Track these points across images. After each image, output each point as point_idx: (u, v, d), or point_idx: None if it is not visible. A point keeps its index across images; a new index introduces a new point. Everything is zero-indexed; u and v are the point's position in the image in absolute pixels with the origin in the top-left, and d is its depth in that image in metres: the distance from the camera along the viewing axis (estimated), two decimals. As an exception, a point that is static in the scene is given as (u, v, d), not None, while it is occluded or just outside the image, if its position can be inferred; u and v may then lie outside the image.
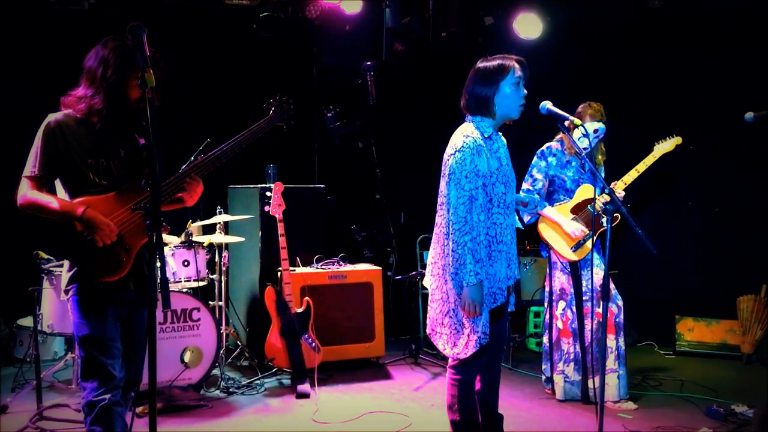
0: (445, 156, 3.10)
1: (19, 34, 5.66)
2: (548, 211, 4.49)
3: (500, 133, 3.28)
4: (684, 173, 4.58)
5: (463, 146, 3.03)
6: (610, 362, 4.37)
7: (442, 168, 3.11)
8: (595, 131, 4.40)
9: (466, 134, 3.07)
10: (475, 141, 3.04)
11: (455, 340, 3.09)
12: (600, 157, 4.63)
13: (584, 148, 4.37)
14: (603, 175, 4.69)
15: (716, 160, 5.79)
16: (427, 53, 6.53)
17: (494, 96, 3.08)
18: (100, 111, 2.65)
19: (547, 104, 3.22)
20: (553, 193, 4.56)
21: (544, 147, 4.56)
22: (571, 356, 4.47)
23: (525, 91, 3.11)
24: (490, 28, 6.50)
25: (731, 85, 5.86)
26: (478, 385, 3.29)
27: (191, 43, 6.18)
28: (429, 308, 3.23)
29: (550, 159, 4.51)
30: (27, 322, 5.24)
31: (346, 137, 6.16)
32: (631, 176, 4.49)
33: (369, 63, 6.20)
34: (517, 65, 3.10)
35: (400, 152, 7.05)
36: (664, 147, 4.55)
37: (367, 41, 6.57)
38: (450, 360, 3.19)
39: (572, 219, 4.44)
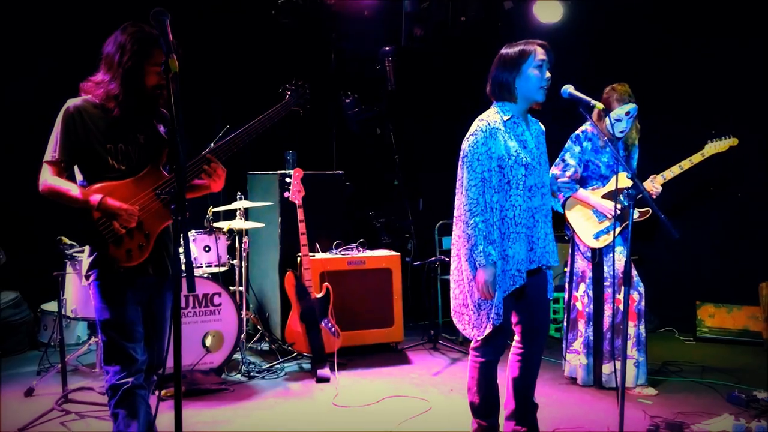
0: (463, 142, 3.16)
1: (41, 20, 5.70)
2: (581, 192, 4.42)
3: (536, 119, 3.31)
4: (706, 160, 4.50)
5: (476, 131, 3.11)
6: (628, 349, 4.34)
7: (460, 154, 3.17)
8: (627, 113, 4.28)
9: (481, 119, 3.15)
10: (489, 124, 3.09)
11: (474, 320, 3.14)
12: (635, 135, 4.46)
13: (621, 131, 4.32)
14: (637, 155, 4.53)
15: (738, 144, 5.71)
16: (447, 38, 6.49)
17: (515, 81, 3.13)
18: (116, 96, 2.66)
19: (568, 88, 3.19)
20: (586, 179, 4.46)
21: (579, 131, 4.44)
22: (583, 339, 4.47)
23: (548, 75, 3.12)
24: (509, 12, 6.46)
25: (759, 65, 5.74)
26: (516, 372, 3.33)
27: (211, 30, 6.19)
28: (452, 290, 3.27)
29: (585, 144, 4.40)
30: (51, 306, 5.34)
31: (365, 123, 6.15)
32: (672, 172, 4.35)
33: (387, 48, 6.17)
34: (539, 49, 3.11)
35: (418, 138, 7.03)
36: (716, 147, 4.37)
37: (385, 26, 6.54)
38: (473, 342, 3.23)
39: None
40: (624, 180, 4.32)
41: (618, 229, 4.34)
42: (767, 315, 5.61)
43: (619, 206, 4.22)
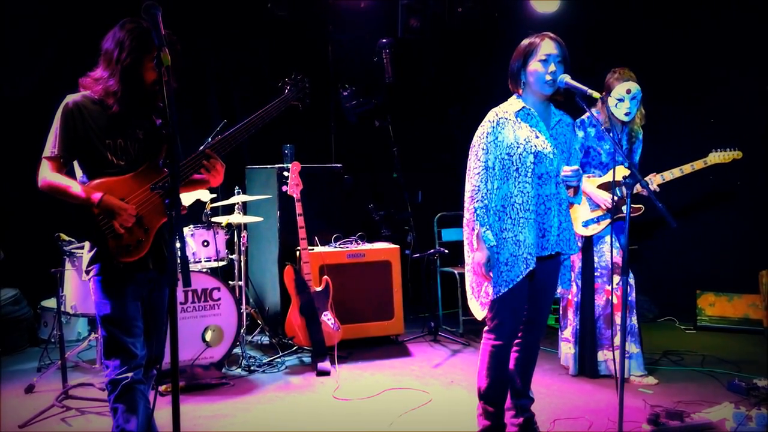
0: None
1: (38, 16, 5.66)
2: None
3: (561, 111, 3.31)
4: (706, 146, 4.49)
5: (485, 122, 3.19)
6: (617, 341, 4.33)
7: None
8: (628, 90, 4.23)
9: (493, 110, 3.22)
10: (498, 115, 3.17)
11: (480, 302, 3.21)
12: (638, 122, 4.40)
13: (626, 113, 4.29)
14: (640, 150, 4.47)
15: (736, 132, 5.69)
16: (444, 29, 6.46)
17: (521, 73, 3.20)
18: (115, 93, 2.66)
19: (565, 78, 3.17)
20: (584, 165, 4.43)
21: (584, 116, 4.38)
22: (572, 329, 4.50)
23: (554, 68, 3.11)
24: (506, 2, 6.43)
25: (754, 49, 5.72)
26: (513, 362, 3.35)
27: (206, 23, 6.16)
28: (465, 275, 3.32)
29: (589, 129, 4.37)
30: (51, 303, 5.34)
31: (363, 116, 6.13)
32: (672, 174, 4.32)
33: (385, 40, 6.15)
34: (547, 42, 3.13)
35: (417, 130, 7.00)
36: (719, 157, 4.36)
37: (382, 18, 6.52)
38: (486, 325, 3.27)
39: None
40: (622, 170, 4.31)
41: (606, 222, 4.33)
42: (767, 303, 5.61)
43: (615, 198, 4.21)
